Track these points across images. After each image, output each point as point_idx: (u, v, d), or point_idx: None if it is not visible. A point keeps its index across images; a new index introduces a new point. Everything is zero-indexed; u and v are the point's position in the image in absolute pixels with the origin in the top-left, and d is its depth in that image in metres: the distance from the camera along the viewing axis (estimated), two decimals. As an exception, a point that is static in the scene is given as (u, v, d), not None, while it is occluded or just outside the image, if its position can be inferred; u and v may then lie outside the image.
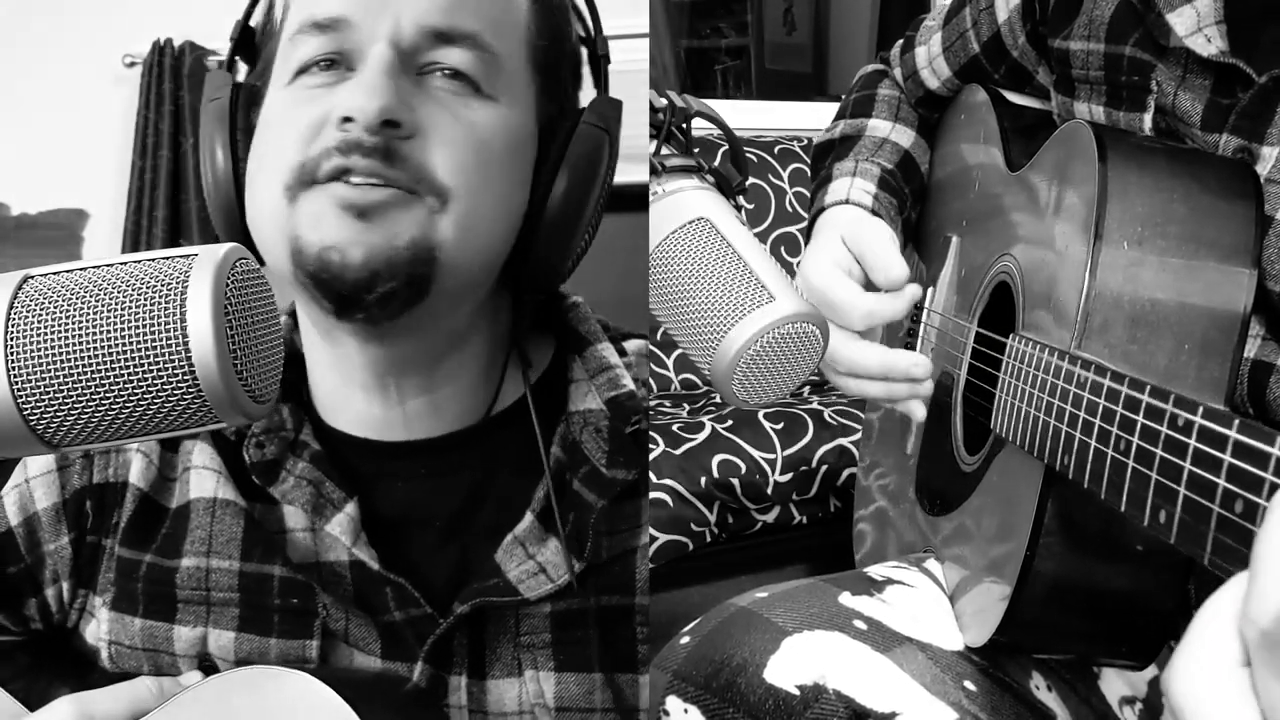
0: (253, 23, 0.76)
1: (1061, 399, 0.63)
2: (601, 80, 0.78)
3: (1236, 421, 0.45)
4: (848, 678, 0.68)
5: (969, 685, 0.70)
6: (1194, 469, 0.47)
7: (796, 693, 0.68)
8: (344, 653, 0.73)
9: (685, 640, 0.74)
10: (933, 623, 0.75)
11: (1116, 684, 0.77)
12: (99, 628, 0.76)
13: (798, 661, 0.69)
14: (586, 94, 0.79)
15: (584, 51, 0.79)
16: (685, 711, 0.70)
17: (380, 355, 0.73)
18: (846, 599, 0.75)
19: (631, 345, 0.81)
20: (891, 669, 0.69)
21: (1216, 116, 0.70)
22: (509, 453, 0.76)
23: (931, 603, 0.78)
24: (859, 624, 0.72)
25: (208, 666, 0.73)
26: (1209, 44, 0.70)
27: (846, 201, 0.96)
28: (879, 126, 1.02)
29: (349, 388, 0.75)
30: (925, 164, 1.03)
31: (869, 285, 0.89)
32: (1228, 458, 0.45)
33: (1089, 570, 0.67)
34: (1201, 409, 0.48)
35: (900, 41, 1.07)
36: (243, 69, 0.77)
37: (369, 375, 0.74)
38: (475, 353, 0.77)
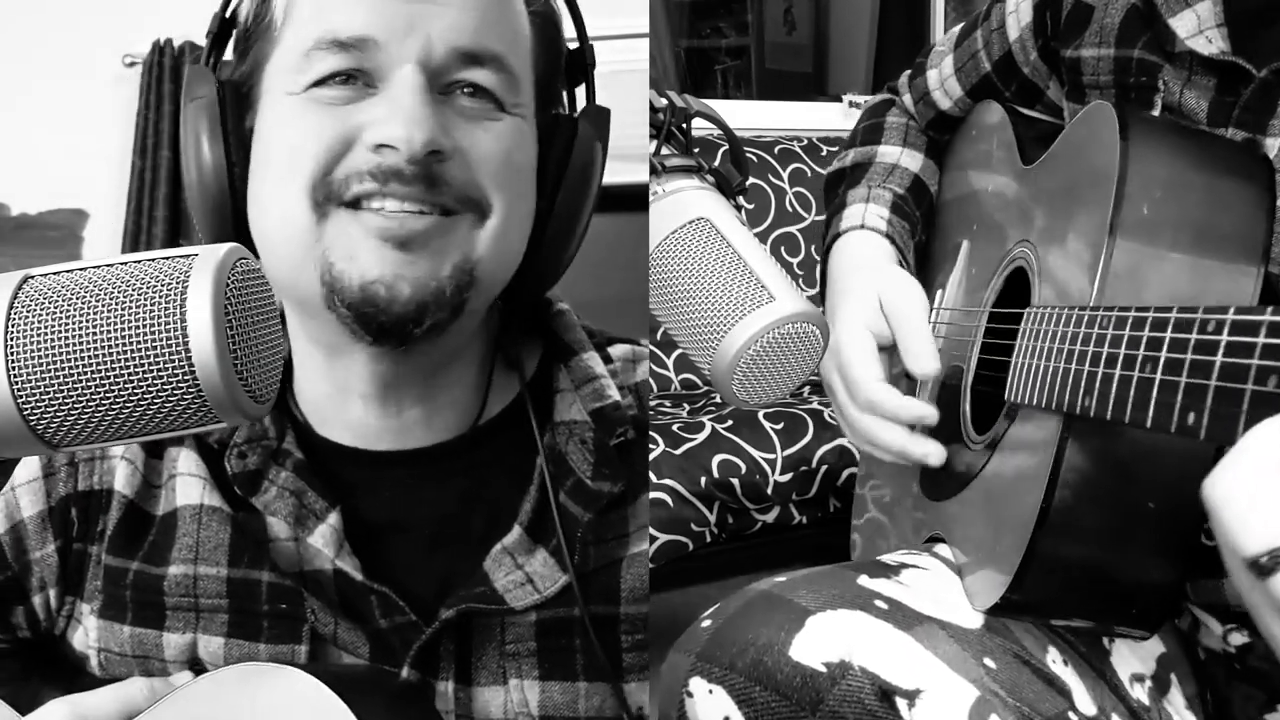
0: (240, 15, 0.73)
1: (1083, 344, 0.63)
2: (590, 88, 0.78)
3: (1270, 308, 0.46)
4: (873, 655, 0.69)
5: (989, 662, 0.71)
6: (1226, 359, 0.48)
7: (823, 669, 0.68)
8: (333, 656, 0.73)
9: (706, 624, 0.74)
10: (950, 602, 0.75)
11: (1129, 660, 0.77)
12: (87, 635, 0.76)
13: (823, 639, 0.69)
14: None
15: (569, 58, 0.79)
16: (710, 692, 0.71)
17: (388, 370, 0.73)
18: (865, 581, 0.75)
19: (618, 350, 0.81)
20: (915, 646, 0.70)
21: (1221, 112, 0.73)
22: (497, 461, 0.76)
23: (947, 583, 0.78)
24: (880, 604, 0.72)
25: (197, 670, 0.73)
26: (1210, 44, 0.73)
27: (862, 227, 0.97)
28: (889, 153, 1.05)
29: (345, 396, 0.75)
30: (934, 186, 1.05)
31: (893, 345, 0.89)
32: (1261, 339, 0.45)
33: (1102, 524, 0.67)
34: (1233, 309, 0.48)
35: (908, 71, 1.10)
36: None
37: (371, 387, 0.74)
38: (472, 360, 0.77)
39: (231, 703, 0.61)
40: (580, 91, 0.80)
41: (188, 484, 0.76)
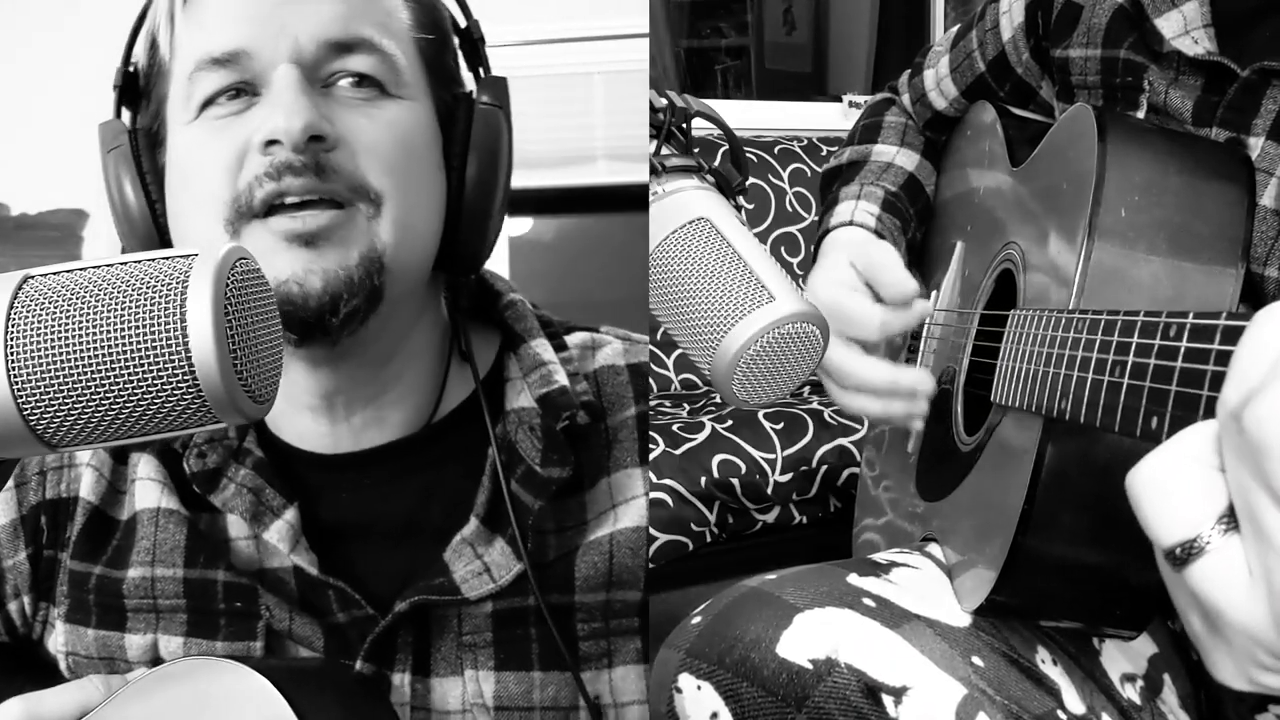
0: (136, 66, 0.76)
1: (1060, 347, 0.63)
2: (482, 61, 0.80)
3: (1225, 313, 0.46)
4: (859, 652, 0.69)
5: (976, 660, 0.71)
6: (1185, 365, 0.48)
7: (809, 666, 0.68)
8: (290, 651, 0.74)
9: (696, 620, 0.74)
10: (938, 601, 0.76)
11: (1118, 660, 0.77)
12: (57, 639, 0.77)
13: (810, 636, 0.70)
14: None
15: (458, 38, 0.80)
16: (698, 688, 0.71)
17: (327, 378, 0.74)
18: (854, 579, 0.75)
19: (575, 338, 0.81)
20: (902, 644, 0.70)
21: (1205, 112, 0.73)
22: (455, 455, 0.77)
23: (936, 582, 0.79)
24: (868, 601, 0.73)
25: None
26: (1196, 45, 0.73)
27: (851, 223, 0.98)
28: (884, 151, 1.05)
29: (294, 409, 0.76)
30: (930, 185, 1.06)
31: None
32: (1216, 346, 0.45)
33: (1083, 525, 0.67)
34: (1192, 313, 0.48)
35: (908, 70, 1.10)
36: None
37: (315, 398, 0.75)
38: (423, 356, 0.78)
39: (176, 697, 0.62)
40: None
41: (146, 488, 0.77)
